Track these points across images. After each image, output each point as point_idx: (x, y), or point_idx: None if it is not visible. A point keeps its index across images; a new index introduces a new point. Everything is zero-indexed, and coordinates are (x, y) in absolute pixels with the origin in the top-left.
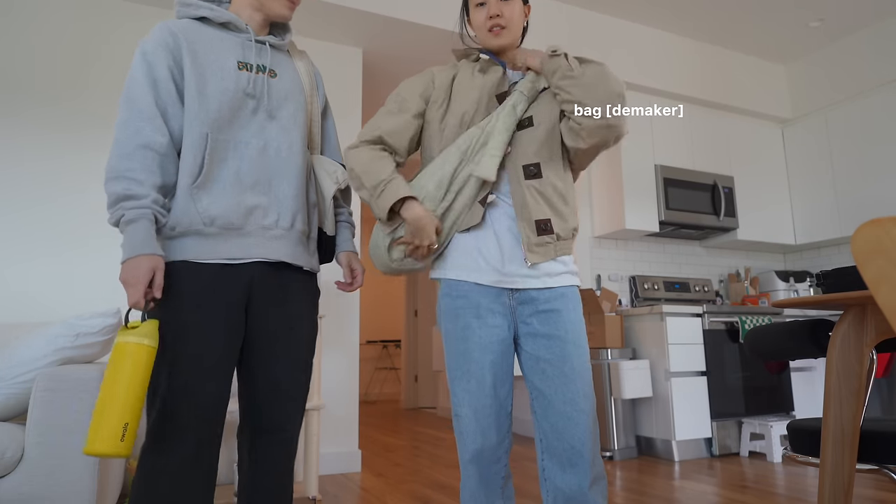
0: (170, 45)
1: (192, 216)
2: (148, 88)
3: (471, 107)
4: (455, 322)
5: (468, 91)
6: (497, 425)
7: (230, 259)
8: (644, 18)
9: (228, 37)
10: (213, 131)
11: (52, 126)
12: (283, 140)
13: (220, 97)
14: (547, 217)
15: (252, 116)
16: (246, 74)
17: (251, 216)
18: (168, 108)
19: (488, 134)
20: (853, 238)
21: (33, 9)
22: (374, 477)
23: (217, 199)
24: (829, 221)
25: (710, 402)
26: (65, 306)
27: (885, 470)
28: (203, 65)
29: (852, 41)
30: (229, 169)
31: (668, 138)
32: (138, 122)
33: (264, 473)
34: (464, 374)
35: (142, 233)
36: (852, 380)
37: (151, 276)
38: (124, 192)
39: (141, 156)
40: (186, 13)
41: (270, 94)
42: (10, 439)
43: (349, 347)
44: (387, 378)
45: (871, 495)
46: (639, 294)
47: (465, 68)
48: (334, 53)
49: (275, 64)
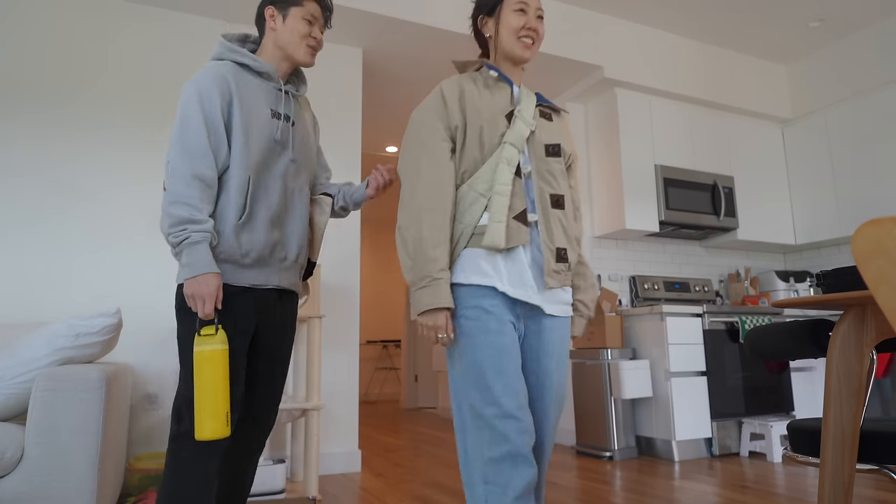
0: (223, 90)
1: (233, 248)
2: (202, 128)
3: (489, 125)
4: (484, 322)
5: (479, 109)
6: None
7: (253, 285)
8: (644, 18)
9: (263, 85)
10: (253, 175)
11: (54, 128)
12: (297, 183)
13: (260, 144)
14: (565, 246)
15: (277, 161)
16: (277, 122)
17: (274, 250)
18: (217, 147)
19: (487, 190)
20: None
21: (38, 10)
22: (374, 477)
23: (254, 236)
24: (830, 221)
25: (710, 402)
26: (65, 306)
27: (885, 470)
28: (248, 112)
29: (853, 41)
30: (263, 209)
31: (668, 138)
32: (194, 157)
33: (245, 485)
34: (499, 372)
35: (207, 254)
36: (852, 380)
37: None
38: (189, 216)
39: (198, 186)
40: (231, 57)
41: (294, 142)
42: (10, 439)
43: (349, 347)
44: (387, 378)
45: (872, 495)
46: (639, 294)
47: (468, 83)
48: (334, 53)
49: (294, 114)
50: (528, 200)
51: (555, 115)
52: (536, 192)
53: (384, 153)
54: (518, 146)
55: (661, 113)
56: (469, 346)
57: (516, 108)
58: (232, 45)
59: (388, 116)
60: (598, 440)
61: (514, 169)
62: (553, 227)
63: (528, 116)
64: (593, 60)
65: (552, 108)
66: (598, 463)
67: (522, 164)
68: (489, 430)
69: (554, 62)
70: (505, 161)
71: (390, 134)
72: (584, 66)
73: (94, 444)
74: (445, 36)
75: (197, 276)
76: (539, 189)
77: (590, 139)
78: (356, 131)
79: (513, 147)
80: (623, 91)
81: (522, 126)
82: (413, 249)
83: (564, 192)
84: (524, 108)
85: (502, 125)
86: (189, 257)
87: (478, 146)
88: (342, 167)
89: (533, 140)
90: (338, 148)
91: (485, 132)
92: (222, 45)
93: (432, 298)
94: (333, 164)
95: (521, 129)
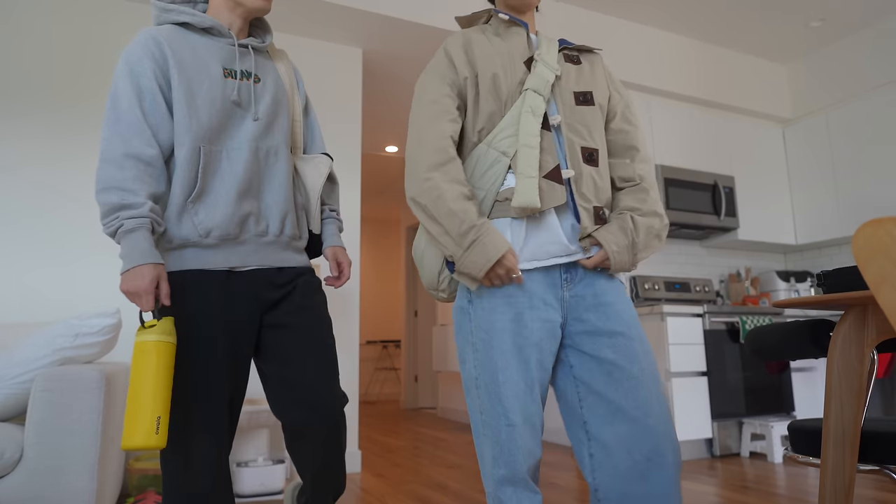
0: (155, 54)
1: (189, 229)
2: (135, 100)
3: (504, 72)
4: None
5: (491, 56)
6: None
7: (231, 268)
8: (644, 18)
9: (212, 42)
10: (205, 144)
11: (51, 127)
12: (269, 146)
13: (209, 108)
14: (602, 205)
15: (240, 124)
16: (232, 82)
17: (245, 224)
18: (155, 119)
19: (513, 144)
20: (854, 238)
21: (37, 9)
22: (374, 477)
23: (213, 212)
24: (830, 221)
25: (710, 403)
26: (65, 306)
27: (885, 470)
28: (190, 75)
29: (853, 41)
30: (223, 180)
31: (669, 138)
32: (126, 134)
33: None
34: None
35: (142, 242)
36: (853, 380)
37: (156, 285)
38: (120, 201)
39: (131, 166)
40: (167, 19)
41: (256, 100)
42: (10, 439)
43: (349, 347)
44: (387, 378)
45: (872, 496)
46: (639, 294)
47: (476, 35)
48: (334, 53)
49: (258, 69)
50: (561, 156)
51: (584, 58)
52: (566, 146)
53: (384, 153)
54: (543, 93)
55: (661, 113)
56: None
57: (535, 52)
58: (166, 5)
59: (388, 116)
60: None
61: (540, 119)
62: (585, 185)
63: (552, 61)
64: None
65: (580, 49)
66: None
67: (550, 115)
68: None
69: None
70: (529, 110)
71: (390, 134)
72: None
73: (93, 444)
74: (445, 36)
75: (131, 269)
76: (569, 142)
77: None
78: (356, 131)
79: (537, 94)
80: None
81: (545, 70)
82: (441, 213)
83: (598, 146)
84: (545, 52)
85: (521, 71)
86: (124, 249)
87: (493, 97)
88: (342, 167)
89: (559, 87)
90: (338, 148)
91: (500, 80)
92: (156, 6)
93: (487, 252)
94: (333, 163)
95: (545, 74)
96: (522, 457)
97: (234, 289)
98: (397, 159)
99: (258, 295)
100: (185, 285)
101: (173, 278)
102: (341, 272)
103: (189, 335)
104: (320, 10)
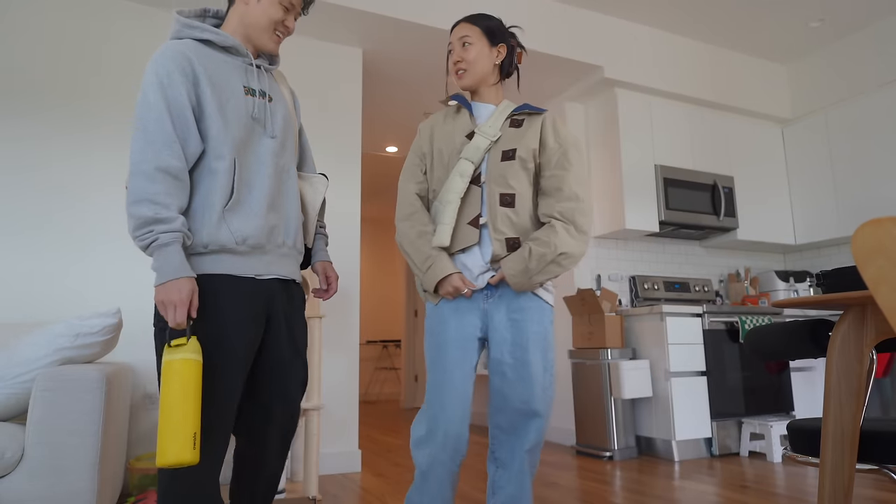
0: (185, 69)
1: (225, 236)
2: (165, 113)
3: (447, 147)
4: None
5: (444, 135)
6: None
7: (257, 275)
8: (644, 18)
9: (231, 60)
10: (238, 156)
11: (52, 127)
12: (284, 163)
13: (238, 122)
14: (516, 236)
15: (259, 140)
16: (251, 99)
17: (272, 235)
18: (183, 133)
19: (443, 199)
20: (853, 238)
21: (32, 9)
22: (374, 477)
23: (246, 221)
24: (829, 221)
25: (710, 402)
26: (65, 306)
27: (884, 470)
28: (220, 90)
29: (852, 41)
30: (254, 191)
31: (668, 138)
32: (157, 146)
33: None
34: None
35: (177, 256)
36: (852, 380)
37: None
38: (154, 215)
39: (162, 179)
40: (189, 34)
41: (273, 118)
42: (10, 439)
43: (349, 347)
44: (387, 378)
45: (872, 495)
46: (639, 294)
47: (440, 116)
48: (334, 53)
49: (271, 89)
50: (484, 206)
51: (528, 120)
52: (488, 196)
53: (384, 153)
54: (473, 159)
55: (661, 113)
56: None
57: (477, 126)
58: (190, 21)
59: (388, 116)
60: (597, 440)
61: (467, 179)
62: (501, 222)
63: (492, 130)
64: (593, 60)
65: (528, 112)
66: (597, 463)
67: (483, 173)
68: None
69: (554, 62)
70: (458, 173)
71: (390, 134)
72: (584, 66)
73: (93, 444)
74: (445, 36)
75: (167, 282)
76: (490, 191)
77: (590, 139)
78: (356, 131)
79: (467, 161)
80: (623, 91)
81: (481, 140)
82: (409, 250)
83: (516, 192)
84: (488, 124)
85: (461, 144)
86: (158, 261)
87: (440, 166)
88: (342, 167)
89: (495, 148)
90: (338, 148)
91: (444, 153)
92: (179, 21)
93: (436, 274)
94: (333, 164)
95: (480, 143)
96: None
97: (255, 295)
98: (397, 159)
99: (268, 303)
100: (216, 289)
101: (204, 280)
102: (329, 285)
103: (218, 337)
104: (321, 10)
